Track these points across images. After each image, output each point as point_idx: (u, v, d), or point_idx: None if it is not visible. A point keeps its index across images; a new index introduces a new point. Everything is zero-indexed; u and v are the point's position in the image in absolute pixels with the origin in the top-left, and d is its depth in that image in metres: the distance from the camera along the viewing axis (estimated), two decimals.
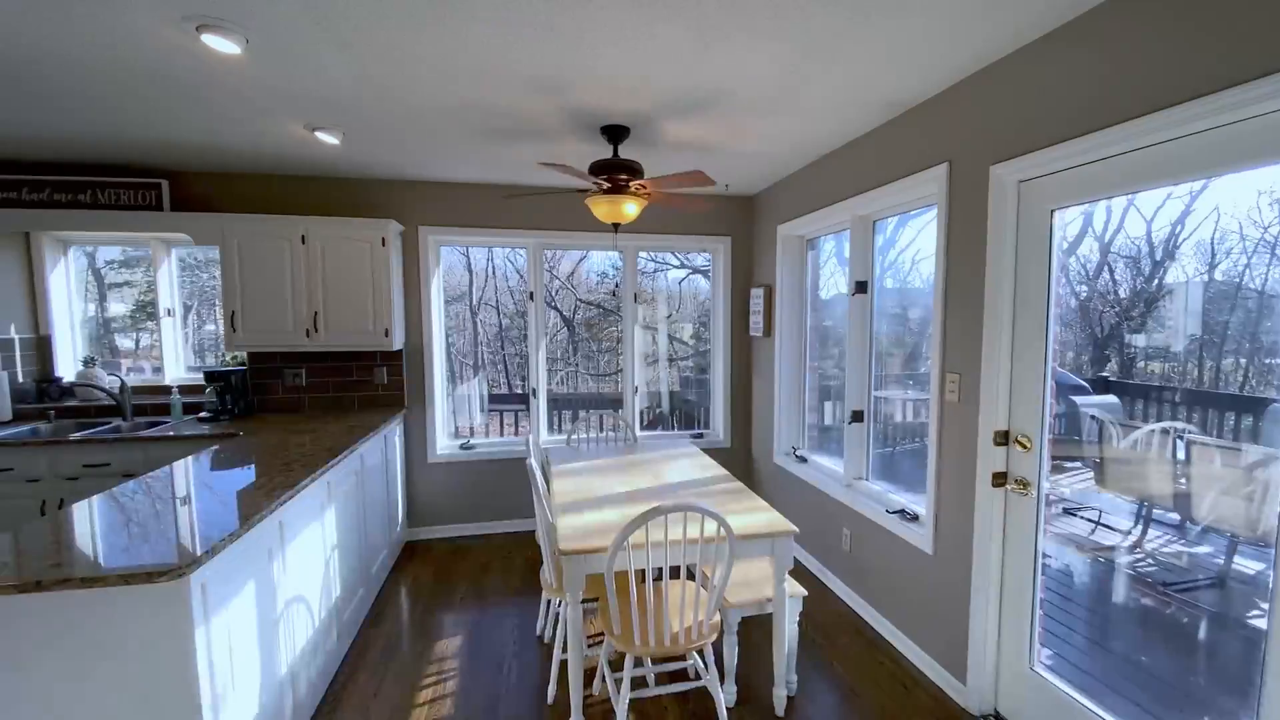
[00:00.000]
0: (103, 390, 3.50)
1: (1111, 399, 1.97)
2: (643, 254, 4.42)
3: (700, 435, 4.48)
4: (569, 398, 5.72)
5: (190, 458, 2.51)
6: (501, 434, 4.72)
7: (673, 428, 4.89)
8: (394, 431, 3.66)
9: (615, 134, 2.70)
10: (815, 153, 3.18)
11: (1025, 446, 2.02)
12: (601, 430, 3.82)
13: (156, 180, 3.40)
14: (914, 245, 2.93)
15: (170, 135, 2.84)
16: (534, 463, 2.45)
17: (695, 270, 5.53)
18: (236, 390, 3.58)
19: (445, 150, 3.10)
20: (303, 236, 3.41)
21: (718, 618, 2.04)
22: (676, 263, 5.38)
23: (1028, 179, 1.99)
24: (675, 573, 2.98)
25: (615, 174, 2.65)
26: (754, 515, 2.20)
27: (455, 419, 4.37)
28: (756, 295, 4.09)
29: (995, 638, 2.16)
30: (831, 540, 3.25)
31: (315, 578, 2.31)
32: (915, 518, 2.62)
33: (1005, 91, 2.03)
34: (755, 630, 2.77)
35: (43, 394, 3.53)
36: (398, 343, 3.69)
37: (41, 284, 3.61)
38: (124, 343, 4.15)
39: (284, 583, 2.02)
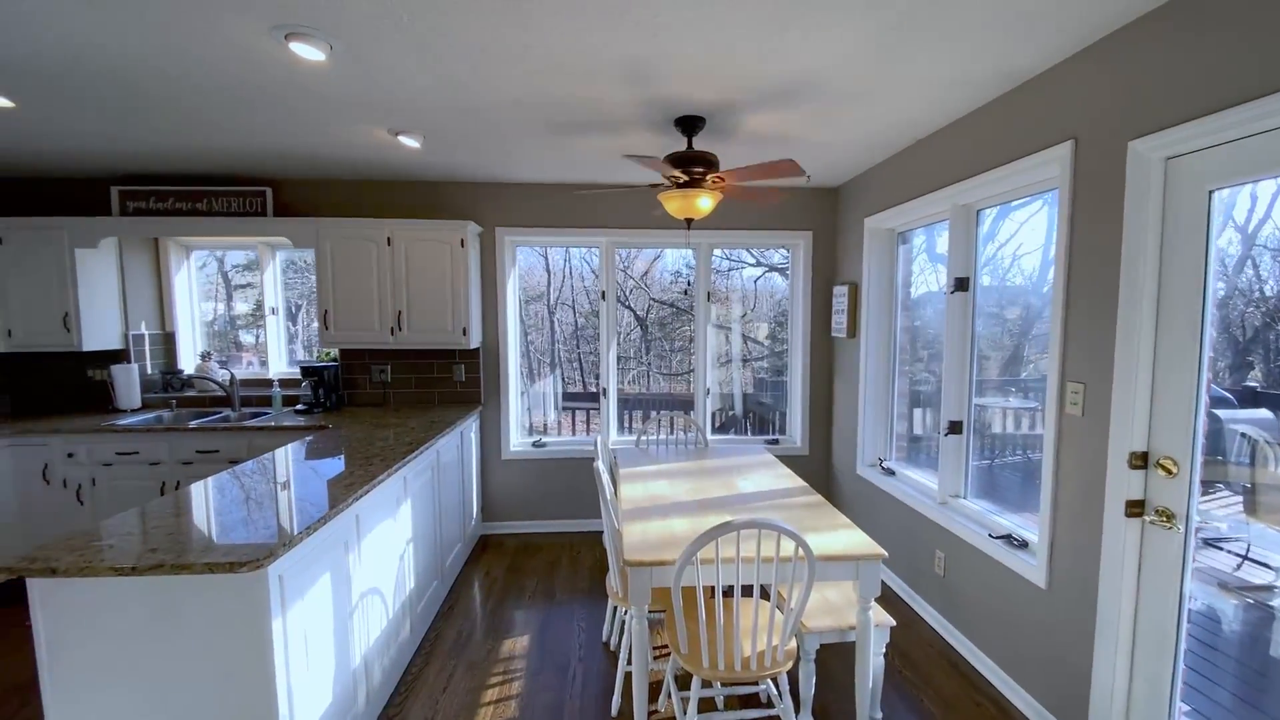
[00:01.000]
0: (215, 382, 3.81)
1: (1265, 414, 1.64)
2: (717, 252, 4.27)
3: (775, 441, 4.27)
4: (640, 397, 5.66)
5: (285, 448, 2.65)
6: (574, 432, 4.73)
7: (745, 432, 4.71)
8: (470, 427, 3.74)
9: (690, 125, 2.58)
10: (909, 137, 2.91)
11: (1170, 472, 1.71)
12: (671, 432, 3.72)
13: (261, 188, 3.66)
14: (1015, 239, 2.63)
15: (270, 145, 3.02)
16: (601, 465, 2.38)
17: (772, 268, 5.30)
18: (329, 385, 3.79)
19: (520, 150, 3.11)
20: (388, 238, 3.55)
21: (794, 644, 1.88)
22: (752, 260, 5.18)
23: (1177, 155, 1.68)
24: (748, 590, 2.83)
25: (689, 167, 2.54)
26: (837, 535, 2.01)
27: (531, 415, 4.43)
28: (840, 293, 3.84)
29: (1125, 690, 1.85)
30: (922, 562, 2.97)
31: (390, 570, 2.36)
32: (1024, 545, 2.32)
33: (1150, 53, 1.73)
34: (835, 658, 2.56)
35: (167, 385, 3.90)
36: (474, 341, 3.77)
37: (167, 285, 3.99)
38: (246, 339, 4.52)
39: (359, 574, 2.07)
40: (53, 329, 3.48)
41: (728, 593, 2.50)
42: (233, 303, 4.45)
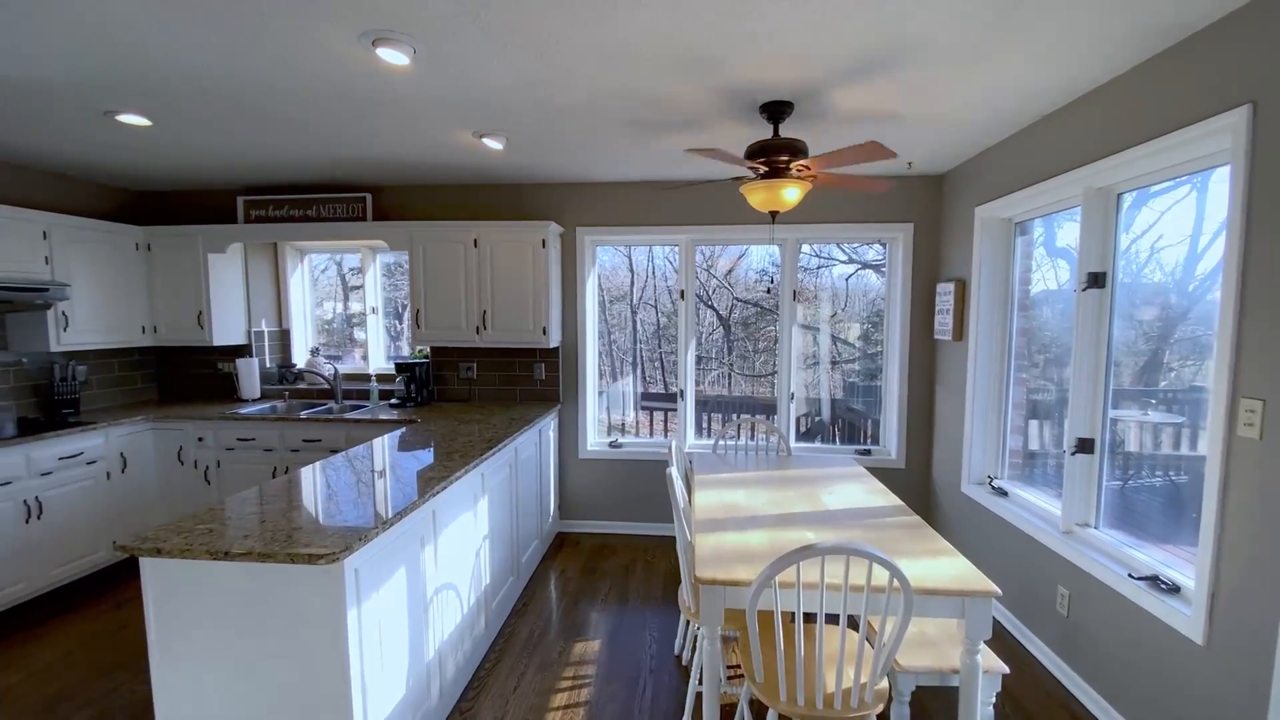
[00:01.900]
0: (321, 376, 4.11)
1: None
2: (805, 249, 4.03)
3: (867, 452, 3.97)
4: (721, 400, 5.50)
5: (375, 442, 2.78)
6: (651, 433, 4.66)
7: (833, 440, 4.41)
8: (548, 425, 3.77)
9: (776, 111, 2.41)
10: (1033, 112, 2.56)
11: None
12: (752, 438, 3.54)
13: (362, 194, 3.89)
14: (1155, 229, 2.24)
15: (367, 153, 3.18)
16: (674, 471, 2.28)
17: (865, 265, 4.94)
18: (420, 381, 3.97)
19: (599, 148, 3.07)
20: (475, 240, 3.65)
21: (885, 683, 1.68)
22: (843, 257, 4.86)
23: None
24: (833, 618, 2.61)
25: (774, 156, 2.37)
26: (939, 564, 1.78)
27: (610, 414, 4.41)
28: (944, 291, 3.48)
29: None
30: (1040, 598, 2.61)
31: (466, 565, 2.40)
32: (1175, 589, 1.95)
33: None
34: (934, 701, 2.30)
35: (282, 377, 4.26)
36: (554, 340, 3.80)
37: (284, 286, 4.35)
38: (359, 336, 4.85)
39: (435, 569, 2.10)
40: (189, 325, 3.89)
41: (810, 618, 2.31)
42: (349, 302, 4.79)
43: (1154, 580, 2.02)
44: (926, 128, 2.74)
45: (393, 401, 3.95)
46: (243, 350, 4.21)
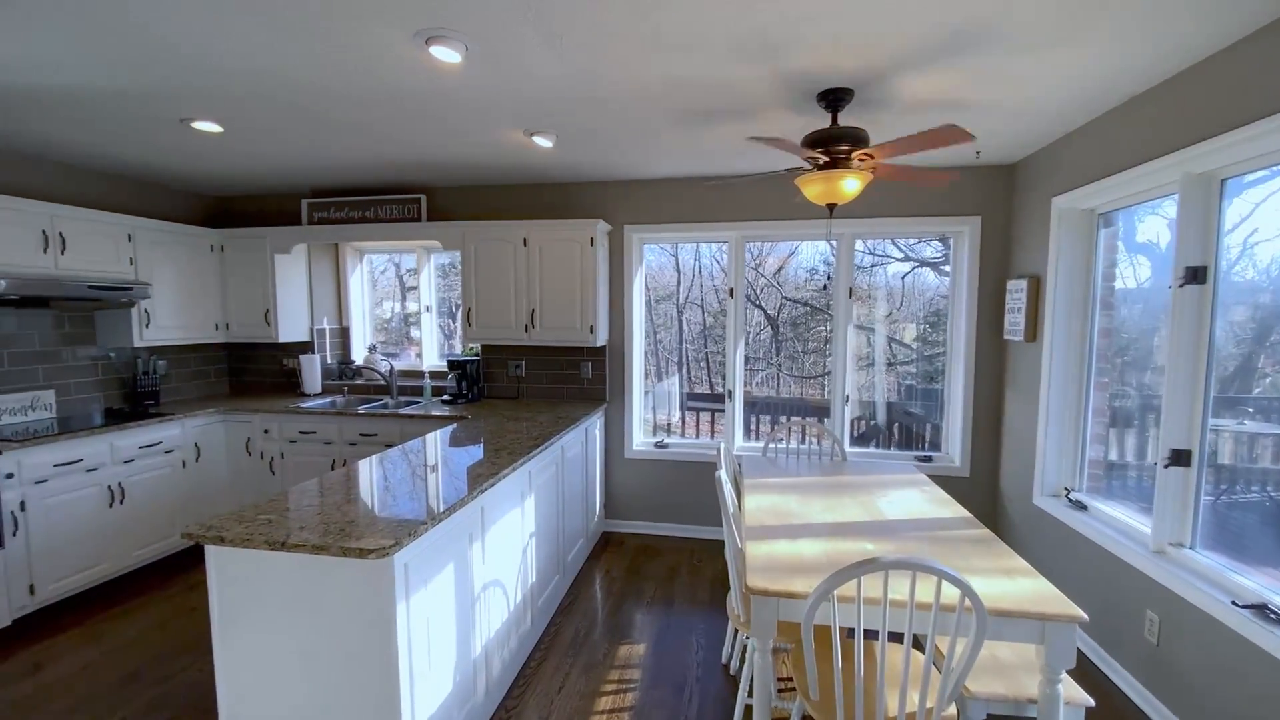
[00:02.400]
0: (378, 373, 4.24)
1: None
2: (859, 246, 3.86)
3: (928, 459, 3.77)
4: (769, 401, 5.36)
5: (427, 437, 2.82)
6: (698, 434, 4.58)
7: (888, 445, 4.21)
8: (595, 424, 3.75)
9: (835, 99, 2.30)
10: (1122, 92, 2.34)
11: None
12: (803, 441, 3.42)
13: (417, 195, 3.98)
14: (1249, 222, 2.01)
15: (421, 155, 3.25)
16: (723, 475, 2.20)
17: (922, 263, 4.70)
18: (471, 378, 4.03)
19: (649, 142, 3.03)
20: (524, 239, 3.68)
21: (953, 709, 1.56)
22: (899, 254, 4.64)
23: None
24: (896, 636, 2.47)
25: (833, 146, 2.26)
26: (1014, 583, 1.64)
27: (656, 414, 4.36)
28: (1016, 288, 3.26)
29: None
30: (1124, 623, 2.39)
31: (513, 562, 2.40)
32: None
33: None
34: None
35: (341, 373, 4.42)
36: (601, 339, 3.78)
37: (344, 286, 4.52)
38: (415, 334, 5.00)
39: (482, 566, 2.11)
40: (257, 323, 4.08)
41: (871, 635, 2.19)
42: (406, 302, 4.93)
43: (1261, 609, 1.81)
44: (998, 114, 2.56)
45: (445, 398, 4.03)
46: (306, 347, 4.39)
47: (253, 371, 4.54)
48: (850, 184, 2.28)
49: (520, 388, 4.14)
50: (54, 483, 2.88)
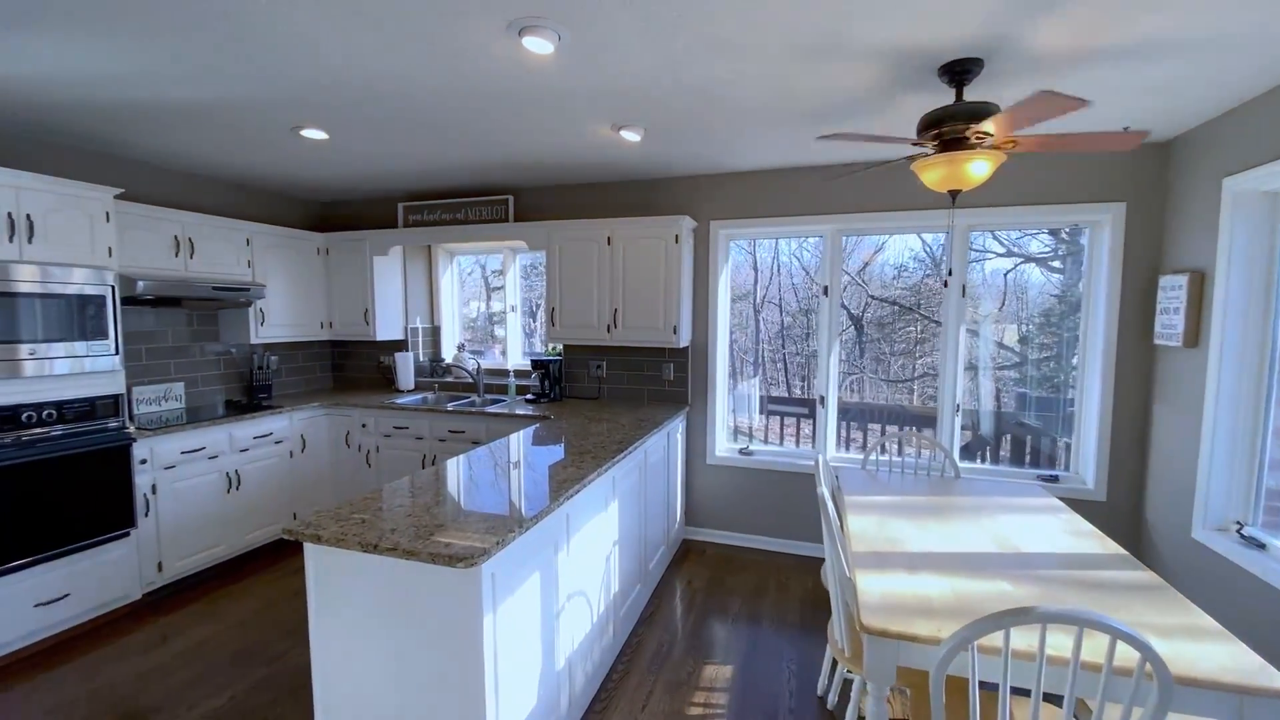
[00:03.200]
0: (466, 370, 4.33)
1: None
2: (929, 236, 3.47)
3: (1053, 478, 3.34)
4: (859, 407, 5.01)
5: (513, 437, 2.81)
6: (781, 441, 4.34)
7: (994, 459, 3.78)
8: (676, 428, 3.63)
9: (960, 73, 2.04)
10: None
11: None
12: (900, 452, 3.12)
13: (505, 196, 4.03)
14: None
15: (509, 155, 3.25)
16: (825, 491, 2.01)
17: (1029, 259, 4.20)
18: (554, 378, 4.03)
19: (742, 132, 2.86)
20: (608, 238, 3.61)
21: None
22: (1001, 249, 4.17)
23: None
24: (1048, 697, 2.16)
25: (954, 126, 2.00)
26: (1201, 646, 1.35)
27: (734, 416, 4.18)
28: (1172, 285, 2.80)
29: None
30: None
31: (596, 571, 2.32)
32: None
33: None
34: None
35: (433, 370, 4.56)
36: (684, 340, 3.65)
37: (436, 286, 4.67)
38: (499, 332, 5.11)
39: (567, 575, 2.04)
40: (357, 321, 4.29)
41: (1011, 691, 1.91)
42: (490, 302, 5.04)
43: None
44: (1153, 78, 2.18)
45: (528, 397, 4.05)
46: (400, 345, 4.58)
47: (353, 367, 4.79)
48: (978, 167, 2.01)
49: (601, 388, 4.09)
50: (180, 468, 3.13)
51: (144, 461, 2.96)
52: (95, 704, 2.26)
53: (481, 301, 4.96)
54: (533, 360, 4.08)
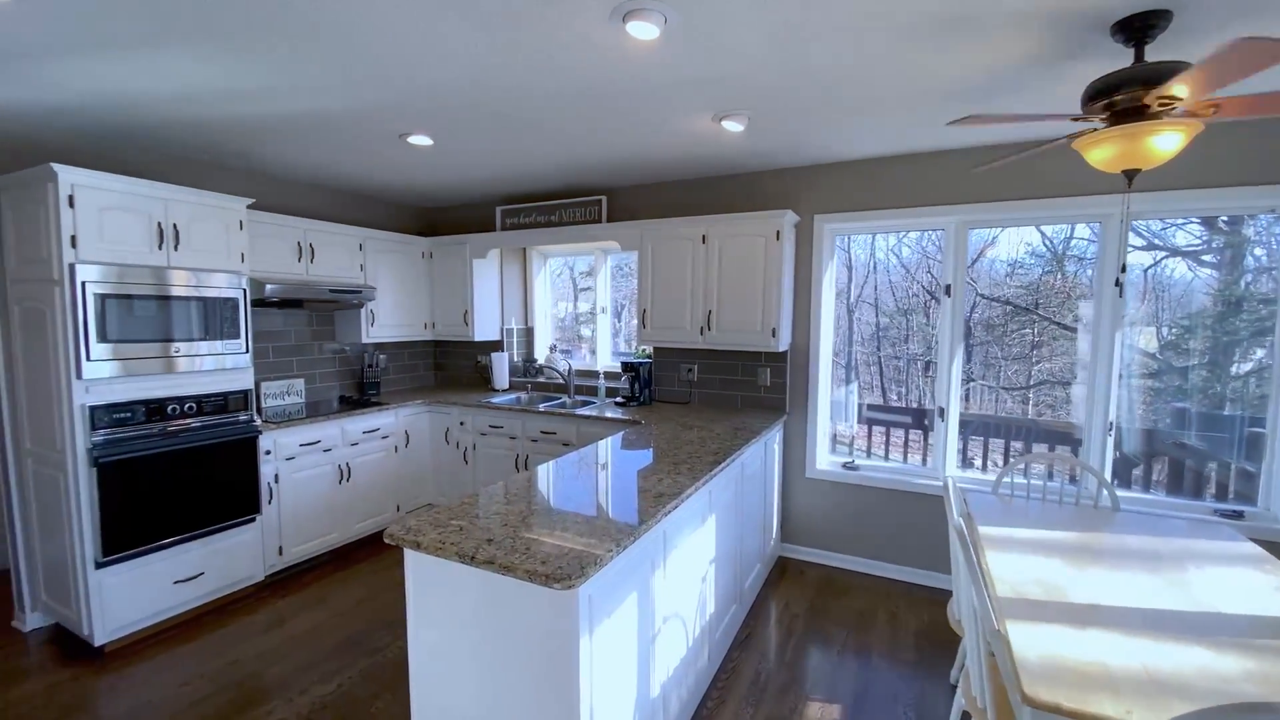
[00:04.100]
0: (557, 371, 4.34)
1: None
2: (1083, 232, 3.00)
3: (1235, 514, 2.78)
4: (978, 420, 4.51)
5: (603, 442, 2.74)
6: (886, 454, 3.97)
7: (1146, 486, 3.22)
8: (773, 438, 3.41)
9: (1143, 28, 1.69)
10: None
11: None
12: (1023, 470, 2.71)
13: (598, 197, 3.99)
14: None
15: (604, 154, 3.19)
16: (959, 520, 1.75)
17: (1175, 253, 3.53)
18: (643, 381, 3.94)
19: (859, 116, 2.60)
20: (703, 236, 3.46)
21: None
22: (1141, 242, 3.54)
23: None
24: None
25: (1131, 92, 1.66)
26: None
27: (831, 424, 3.88)
28: None
29: None
30: None
31: (692, 591, 2.18)
32: None
33: None
34: None
35: (526, 371, 4.62)
36: (784, 343, 3.42)
37: (530, 288, 4.73)
38: (585, 333, 5.12)
39: (663, 595, 1.91)
40: (457, 322, 4.43)
41: None
42: (578, 303, 5.06)
43: None
44: None
45: (618, 400, 3.99)
46: (496, 345, 4.68)
47: (453, 366, 4.97)
48: (1166, 140, 1.66)
49: (692, 392, 3.94)
50: (299, 460, 3.34)
51: (268, 452, 3.18)
52: (221, 680, 2.42)
53: (570, 302, 4.97)
54: (623, 363, 4.00)
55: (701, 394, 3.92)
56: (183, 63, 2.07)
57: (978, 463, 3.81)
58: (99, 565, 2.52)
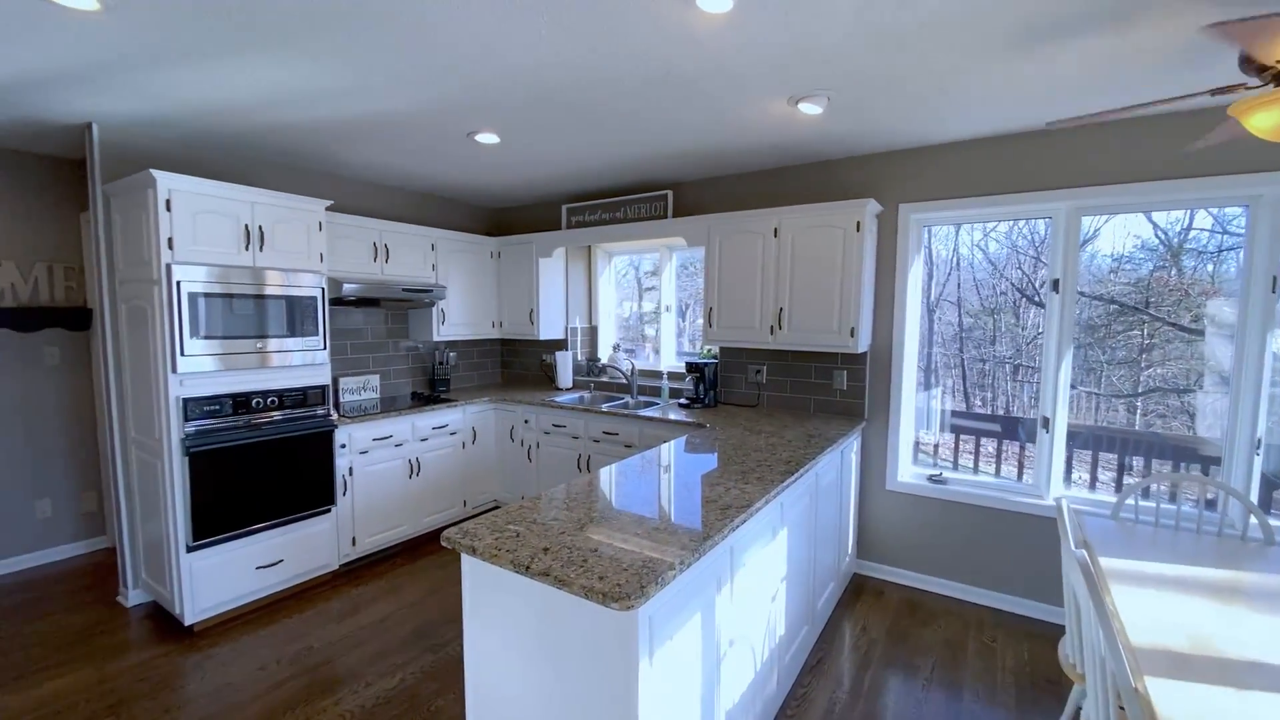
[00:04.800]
0: (620, 371, 4.27)
1: None
2: (1203, 222, 2.54)
3: None
4: (1089, 431, 4.02)
5: (665, 446, 2.62)
6: (976, 466, 3.61)
7: (1268, 507, 2.71)
8: (850, 447, 3.16)
9: None
10: None
11: None
12: (1154, 492, 2.34)
13: (663, 192, 3.87)
14: None
15: (671, 145, 3.07)
16: (1080, 552, 1.50)
17: None
18: (708, 382, 3.78)
19: (955, 91, 2.35)
20: (775, 229, 3.27)
21: None
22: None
23: None
24: None
25: None
26: None
27: (916, 431, 3.57)
28: None
29: None
30: None
31: (760, 611, 2.02)
32: None
33: None
34: None
35: (589, 370, 4.58)
36: (863, 344, 3.17)
37: (594, 286, 4.69)
38: (649, 332, 5.03)
39: (728, 616, 1.77)
40: (523, 321, 4.45)
41: None
42: (642, 301, 4.97)
43: None
44: None
45: (681, 401, 3.86)
46: (560, 344, 4.67)
47: (519, 364, 5.01)
48: None
49: (760, 395, 3.75)
50: (372, 453, 3.44)
51: (343, 446, 3.29)
52: (295, 666, 2.50)
53: (634, 301, 4.89)
54: (687, 363, 3.87)
55: (770, 397, 3.72)
56: (261, 68, 2.13)
57: (1082, 478, 3.39)
58: (189, 549, 2.68)
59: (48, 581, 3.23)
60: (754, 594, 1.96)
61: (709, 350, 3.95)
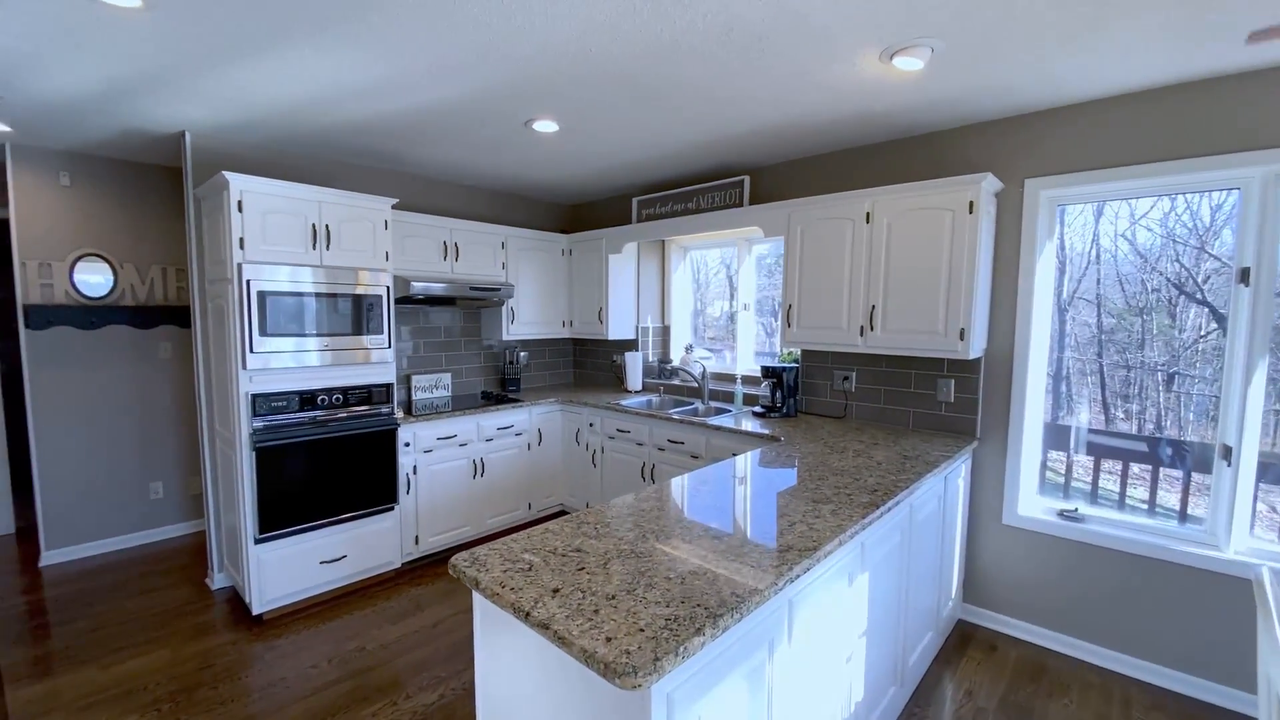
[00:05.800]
0: (691, 375, 3.98)
1: None
2: None
3: None
4: (1271, 461, 3.15)
5: (727, 463, 2.31)
6: (1122, 499, 2.91)
7: None
8: (957, 471, 2.67)
9: None
10: None
11: None
12: None
13: (739, 178, 3.53)
14: None
15: (748, 121, 2.73)
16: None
17: None
18: (787, 389, 3.40)
19: (1099, 32, 1.84)
20: (867, 214, 2.83)
21: None
22: None
23: None
24: None
25: None
26: None
27: (1042, 455, 2.96)
28: None
29: None
30: None
31: (830, 675, 1.66)
32: None
33: None
34: None
35: (660, 372, 4.33)
36: (976, 349, 2.66)
37: (668, 284, 4.43)
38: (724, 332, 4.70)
39: (785, 682, 1.44)
40: (593, 320, 4.28)
41: None
42: (734, 300, 4.63)
43: None
44: None
45: (756, 409, 3.50)
46: (630, 345, 4.46)
47: (590, 365, 4.87)
48: None
49: (848, 405, 3.31)
50: (436, 453, 3.41)
51: (407, 445, 3.28)
52: (344, 667, 2.47)
53: (725, 300, 4.56)
54: (764, 368, 3.50)
55: (860, 408, 3.26)
56: (306, 59, 2.08)
57: (1271, 517, 2.64)
58: (257, 541, 2.75)
59: (153, 559, 3.50)
60: (821, 654, 1.61)
61: (789, 353, 3.55)
